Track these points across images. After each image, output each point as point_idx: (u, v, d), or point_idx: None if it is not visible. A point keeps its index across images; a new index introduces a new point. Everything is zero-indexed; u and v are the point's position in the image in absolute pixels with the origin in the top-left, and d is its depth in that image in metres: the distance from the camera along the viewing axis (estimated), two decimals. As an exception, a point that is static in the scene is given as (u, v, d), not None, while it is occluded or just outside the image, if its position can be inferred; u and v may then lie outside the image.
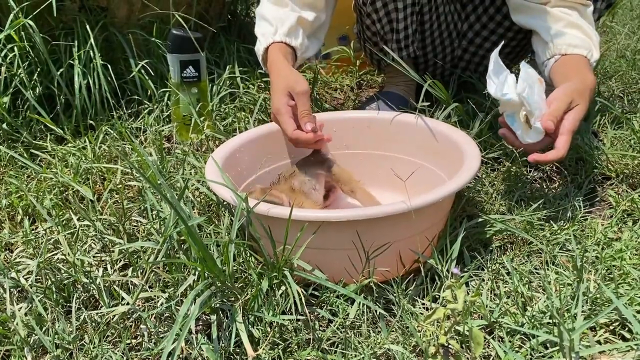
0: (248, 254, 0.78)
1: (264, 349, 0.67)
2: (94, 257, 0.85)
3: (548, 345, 0.66)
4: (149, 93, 1.37)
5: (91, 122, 1.31)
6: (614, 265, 0.78)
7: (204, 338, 0.69)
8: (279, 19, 1.10)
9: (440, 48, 1.35)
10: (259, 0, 1.19)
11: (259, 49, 1.11)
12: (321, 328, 0.73)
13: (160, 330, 0.72)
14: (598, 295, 0.71)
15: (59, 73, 1.29)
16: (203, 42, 1.25)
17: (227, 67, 1.46)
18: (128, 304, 0.73)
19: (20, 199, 1.01)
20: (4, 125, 1.24)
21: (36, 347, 0.70)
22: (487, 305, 0.73)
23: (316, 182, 0.96)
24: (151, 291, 0.76)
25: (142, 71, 1.35)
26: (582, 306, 0.69)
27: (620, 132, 1.11)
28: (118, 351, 0.69)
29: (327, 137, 0.97)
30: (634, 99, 1.45)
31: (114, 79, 1.33)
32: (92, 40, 1.31)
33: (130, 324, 0.74)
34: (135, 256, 0.84)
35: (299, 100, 0.96)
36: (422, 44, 1.32)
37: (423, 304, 0.75)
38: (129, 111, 1.36)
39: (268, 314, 0.69)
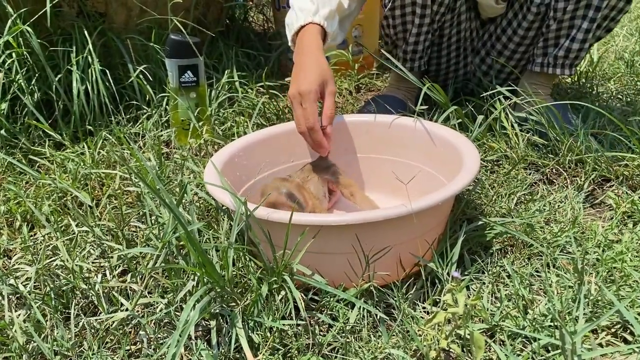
0: (247, 259, 0.77)
1: (264, 354, 0.67)
2: (92, 263, 0.85)
3: (550, 348, 0.66)
4: (147, 98, 1.37)
5: (90, 127, 1.31)
6: (614, 268, 0.78)
7: (203, 344, 0.69)
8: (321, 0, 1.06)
9: (454, 61, 1.36)
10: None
11: (294, 23, 1.06)
12: (321, 333, 0.72)
13: (159, 336, 0.72)
14: (599, 298, 0.70)
15: (57, 79, 1.29)
16: (201, 46, 1.25)
17: (226, 72, 1.47)
18: (127, 309, 0.73)
19: (18, 205, 1.01)
20: (2, 132, 1.24)
21: (35, 354, 0.70)
22: (488, 309, 0.72)
23: (324, 188, 0.97)
24: (150, 297, 0.76)
25: (141, 76, 1.35)
26: (584, 309, 0.68)
27: (620, 133, 1.11)
28: (117, 357, 0.69)
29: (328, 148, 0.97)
30: (632, 101, 1.45)
31: (112, 84, 1.33)
32: (90, 45, 1.32)
33: (130, 330, 0.73)
34: (134, 262, 0.83)
35: (329, 99, 0.95)
36: (437, 55, 1.33)
37: (424, 307, 0.75)
38: (128, 116, 1.36)
39: (268, 319, 0.68)
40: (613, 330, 0.69)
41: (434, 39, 1.28)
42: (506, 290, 0.76)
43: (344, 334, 0.69)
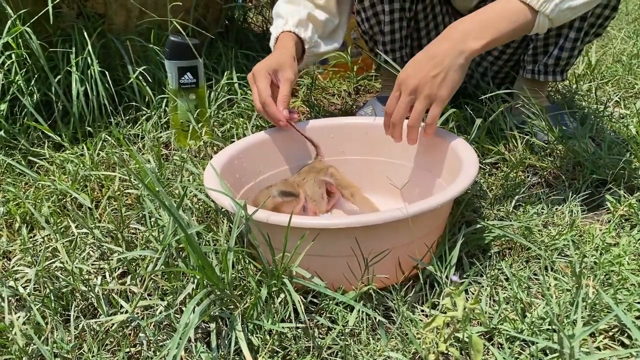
0: (247, 262, 0.78)
1: (263, 357, 0.67)
2: (92, 265, 0.85)
3: (548, 351, 0.66)
4: (146, 99, 1.38)
5: (89, 128, 1.31)
6: (612, 271, 0.78)
7: (203, 346, 0.69)
8: (290, 12, 1.13)
9: None
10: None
11: (271, 43, 1.13)
12: (320, 336, 0.72)
13: (159, 338, 0.72)
14: (597, 301, 0.71)
15: (56, 80, 1.29)
16: (201, 48, 1.25)
17: (225, 73, 1.47)
18: (127, 312, 0.73)
19: (18, 207, 1.01)
20: (2, 133, 1.24)
21: (35, 356, 0.70)
22: (486, 312, 0.73)
23: (321, 190, 0.97)
24: (150, 299, 0.76)
25: (140, 78, 1.35)
26: (582, 312, 0.69)
27: (617, 137, 1.11)
28: (117, 360, 0.69)
29: (296, 119, 0.99)
30: (630, 104, 1.46)
31: (111, 85, 1.33)
32: (89, 47, 1.32)
33: (129, 332, 0.73)
34: (134, 264, 0.83)
35: (283, 84, 0.99)
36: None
37: (422, 310, 0.75)
38: (127, 118, 1.36)
39: (267, 321, 0.69)
40: (611, 333, 0.69)
41: (412, 32, 1.28)
42: (504, 293, 0.76)
43: (343, 337, 0.70)
